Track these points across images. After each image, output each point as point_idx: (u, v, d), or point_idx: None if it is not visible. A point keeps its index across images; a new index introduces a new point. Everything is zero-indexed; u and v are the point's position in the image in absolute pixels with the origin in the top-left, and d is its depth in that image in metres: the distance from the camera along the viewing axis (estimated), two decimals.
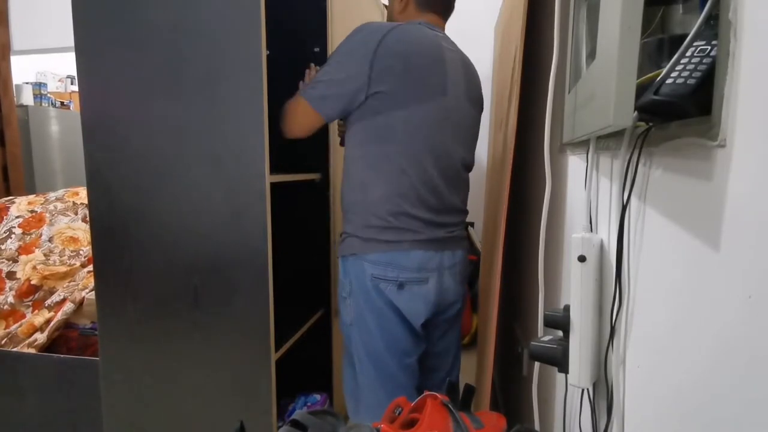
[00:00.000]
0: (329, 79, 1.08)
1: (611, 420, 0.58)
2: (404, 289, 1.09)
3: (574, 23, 0.74)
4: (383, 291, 1.09)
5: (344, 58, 1.07)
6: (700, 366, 0.39)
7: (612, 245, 0.58)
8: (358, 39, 1.06)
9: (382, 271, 1.08)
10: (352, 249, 1.12)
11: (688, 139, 0.40)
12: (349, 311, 1.14)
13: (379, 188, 1.08)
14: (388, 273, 1.08)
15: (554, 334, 0.70)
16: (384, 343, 1.11)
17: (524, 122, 1.22)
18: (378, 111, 1.06)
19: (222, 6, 1.06)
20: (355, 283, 1.11)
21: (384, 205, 1.08)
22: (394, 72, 1.04)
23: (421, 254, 1.09)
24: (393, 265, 1.08)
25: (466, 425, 0.72)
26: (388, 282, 1.09)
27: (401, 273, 1.08)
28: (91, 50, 1.16)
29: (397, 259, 1.08)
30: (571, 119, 0.72)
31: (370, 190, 1.09)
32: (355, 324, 1.13)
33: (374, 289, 1.09)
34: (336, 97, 1.08)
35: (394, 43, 1.04)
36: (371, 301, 1.10)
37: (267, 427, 1.18)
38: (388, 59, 1.03)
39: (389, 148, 1.08)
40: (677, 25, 0.54)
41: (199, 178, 1.13)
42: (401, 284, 1.09)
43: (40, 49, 3.44)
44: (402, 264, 1.08)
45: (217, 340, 1.18)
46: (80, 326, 1.59)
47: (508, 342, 1.57)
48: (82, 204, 1.88)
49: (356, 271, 1.11)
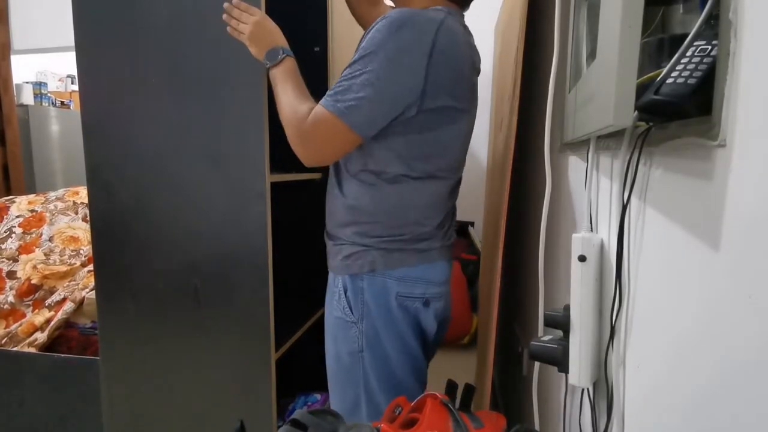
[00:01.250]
0: (372, 90, 0.83)
1: (611, 420, 0.58)
2: (429, 307, 0.98)
3: (574, 23, 0.74)
4: (409, 310, 0.97)
5: (392, 63, 0.83)
6: (700, 366, 0.39)
7: (612, 245, 0.58)
8: (408, 37, 0.83)
9: (410, 289, 0.96)
10: (372, 265, 0.95)
11: (688, 139, 0.40)
12: (356, 338, 0.97)
13: (421, 200, 0.95)
14: (415, 290, 0.96)
15: (554, 334, 0.70)
16: (406, 368, 0.98)
17: (524, 122, 1.22)
18: (429, 127, 0.90)
19: (222, 6, 1.06)
20: (372, 304, 0.96)
21: (417, 215, 0.95)
22: (446, 85, 0.87)
23: (445, 265, 1.01)
24: (422, 280, 0.97)
25: (466, 425, 0.72)
26: (414, 300, 0.97)
27: (428, 289, 0.97)
28: (91, 50, 1.16)
29: (426, 272, 0.97)
30: (571, 119, 0.72)
31: (407, 203, 0.94)
32: (368, 351, 0.97)
33: (399, 309, 0.96)
34: (382, 116, 0.86)
35: (446, 46, 0.85)
36: (393, 324, 0.96)
37: (267, 427, 1.18)
38: (441, 68, 0.85)
39: (436, 163, 0.94)
40: (677, 25, 0.54)
41: (199, 177, 1.13)
42: (427, 301, 0.98)
43: (40, 48, 3.44)
44: (430, 278, 0.97)
45: (218, 339, 1.18)
46: (80, 326, 1.59)
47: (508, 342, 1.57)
48: (83, 203, 1.88)
49: (375, 291, 0.96)
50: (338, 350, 1.00)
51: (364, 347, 0.97)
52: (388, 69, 0.83)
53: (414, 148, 0.92)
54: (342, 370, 1.00)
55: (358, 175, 0.95)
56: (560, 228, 0.91)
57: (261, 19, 0.99)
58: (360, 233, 0.96)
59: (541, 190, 0.95)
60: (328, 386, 1.05)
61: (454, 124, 0.93)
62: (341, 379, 1.01)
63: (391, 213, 0.95)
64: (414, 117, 0.88)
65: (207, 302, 1.17)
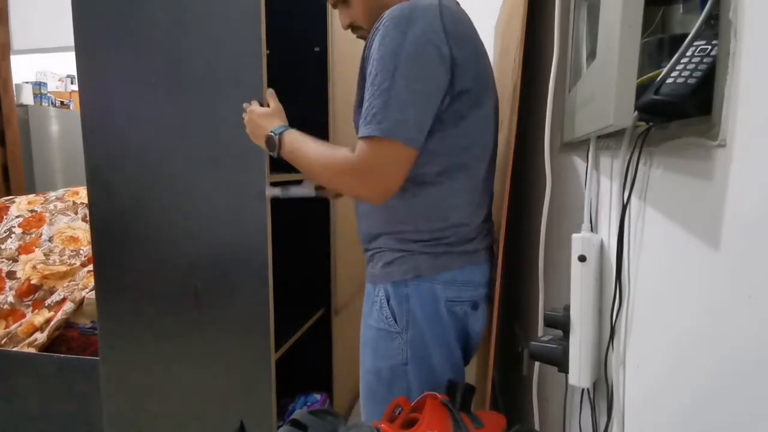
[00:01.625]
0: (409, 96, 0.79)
1: (611, 420, 0.58)
2: (478, 310, 0.95)
3: (574, 23, 0.74)
4: (458, 315, 0.92)
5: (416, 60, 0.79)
6: (700, 366, 0.39)
7: (612, 245, 0.58)
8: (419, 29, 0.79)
9: (458, 293, 0.92)
10: (416, 270, 0.90)
11: (688, 139, 0.40)
12: (401, 350, 0.91)
13: (461, 198, 0.91)
14: (464, 294, 0.92)
15: (554, 334, 0.70)
16: (449, 377, 0.93)
17: (524, 122, 1.22)
18: (462, 115, 0.86)
19: (222, 6, 1.06)
20: (419, 312, 0.90)
21: (459, 215, 0.91)
22: (467, 64, 0.83)
23: (487, 267, 0.97)
24: (470, 283, 0.92)
25: (466, 425, 0.72)
26: (463, 304, 0.93)
27: (476, 290, 0.94)
28: (91, 50, 1.16)
29: (474, 275, 0.93)
30: (571, 119, 0.72)
31: (448, 204, 0.90)
32: (413, 363, 0.91)
33: (449, 315, 0.91)
34: (427, 117, 0.81)
35: (454, 26, 0.82)
36: (442, 331, 0.91)
37: (267, 427, 1.18)
38: (458, 48, 0.81)
39: (471, 156, 0.90)
40: (677, 25, 0.54)
41: (199, 177, 1.13)
42: (476, 304, 0.94)
43: (40, 48, 3.44)
44: (477, 280, 0.94)
45: (217, 339, 1.18)
46: (80, 326, 1.59)
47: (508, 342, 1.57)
48: (82, 203, 1.88)
49: (422, 297, 0.90)
50: (378, 365, 0.93)
51: (409, 359, 0.91)
52: (415, 68, 0.79)
53: (450, 143, 0.87)
54: (382, 384, 0.93)
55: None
56: (560, 228, 0.91)
57: (249, 116, 0.98)
58: (401, 239, 0.91)
59: (541, 190, 0.95)
60: (360, 400, 0.98)
61: (481, 108, 0.88)
62: (380, 395, 0.94)
63: (432, 216, 0.90)
64: (446, 109, 0.84)
65: (207, 302, 1.17)
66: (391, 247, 0.92)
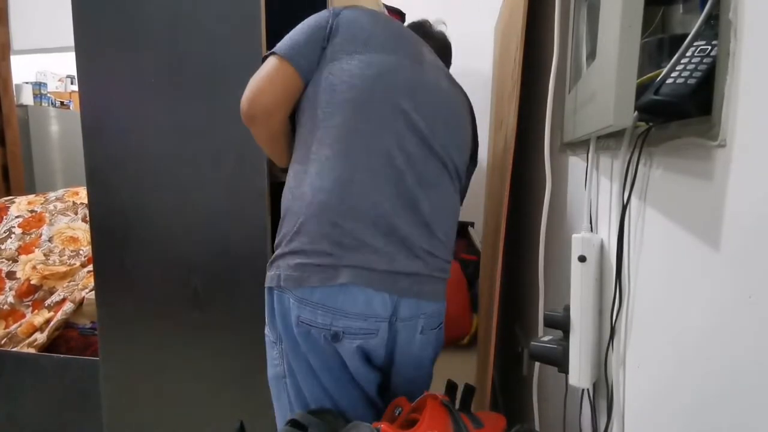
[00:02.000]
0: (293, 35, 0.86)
1: (611, 420, 0.58)
2: (342, 342, 0.85)
3: (574, 23, 0.74)
4: (318, 341, 0.84)
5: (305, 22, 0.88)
6: (700, 366, 0.39)
7: (612, 245, 0.58)
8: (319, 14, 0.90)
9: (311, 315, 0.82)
10: (277, 279, 0.83)
11: (688, 139, 0.40)
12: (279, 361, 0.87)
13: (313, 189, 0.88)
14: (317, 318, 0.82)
15: (554, 334, 0.70)
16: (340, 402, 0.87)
17: (524, 122, 1.22)
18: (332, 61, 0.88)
19: (222, 6, 1.06)
20: (281, 326, 0.84)
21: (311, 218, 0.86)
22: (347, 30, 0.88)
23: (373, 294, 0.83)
24: (325, 308, 0.83)
25: (466, 425, 0.72)
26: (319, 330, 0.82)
27: (335, 320, 0.83)
28: (91, 50, 1.16)
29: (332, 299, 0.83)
30: (571, 119, 0.72)
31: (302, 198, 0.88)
32: (290, 377, 0.87)
33: (303, 337, 0.83)
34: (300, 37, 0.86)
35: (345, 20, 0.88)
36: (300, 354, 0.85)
37: (267, 427, 1.18)
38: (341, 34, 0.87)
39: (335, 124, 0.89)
40: (677, 25, 0.54)
41: (199, 177, 1.13)
42: (336, 335, 0.82)
43: (40, 48, 3.44)
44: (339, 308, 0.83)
45: (217, 339, 1.18)
46: (80, 326, 1.59)
47: (508, 342, 1.56)
48: (82, 204, 1.88)
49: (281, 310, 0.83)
50: (268, 373, 0.89)
51: (286, 373, 0.85)
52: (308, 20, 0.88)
53: (313, 100, 0.84)
54: (274, 392, 0.89)
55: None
56: (560, 228, 0.91)
57: None
58: (277, 240, 0.86)
59: (541, 190, 0.95)
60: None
61: (355, 57, 0.84)
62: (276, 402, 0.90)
63: (287, 212, 0.84)
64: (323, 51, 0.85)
65: (207, 302, 1.17)
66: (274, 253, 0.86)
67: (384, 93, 0.84)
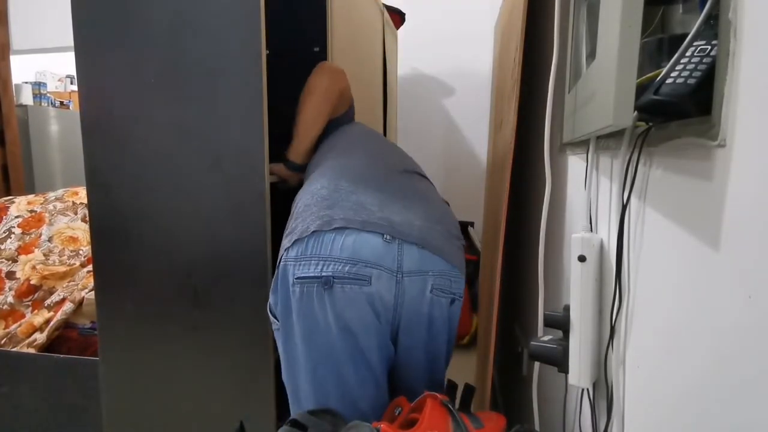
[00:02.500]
0: None
1: (611, 420, 0.58)
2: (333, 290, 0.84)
3: (574, 23, 0.74)
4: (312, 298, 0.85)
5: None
6: (700, 366, 0.39)
7: (612, 245, 0.58)
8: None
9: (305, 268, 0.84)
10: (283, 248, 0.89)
11: (688, 139, 0.40)
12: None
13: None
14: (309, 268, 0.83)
15: (554, 334, 0.70)
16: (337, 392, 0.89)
17: (524, 122, 1.22)
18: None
19: (222, 6, 1.06)
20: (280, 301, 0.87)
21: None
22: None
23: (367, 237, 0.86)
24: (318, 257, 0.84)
25: (466, 425, 0.72)
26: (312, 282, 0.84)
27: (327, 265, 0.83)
28: (91, 50, 1.16)
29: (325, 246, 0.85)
30: (571, 119, 0.72)
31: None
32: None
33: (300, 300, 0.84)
34: None
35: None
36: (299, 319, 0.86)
37: (267, 427, 1.18)
38: None
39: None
40: (677, 25, 0.54)
41: (199, 178, 1.13)
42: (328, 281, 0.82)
43: (40, 48, 3.44)
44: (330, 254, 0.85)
45: (217, 340, 1.18)
46: (80, 326, 1.59)
47: (508, 342, 1.57)
48: (82, 204, 1.88)
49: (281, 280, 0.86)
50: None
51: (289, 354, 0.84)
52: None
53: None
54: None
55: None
56: (560, 228, 0.91)
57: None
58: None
59: (541, 190, 0.95)
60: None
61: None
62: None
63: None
64: None
65: (207, 302, 1.17)
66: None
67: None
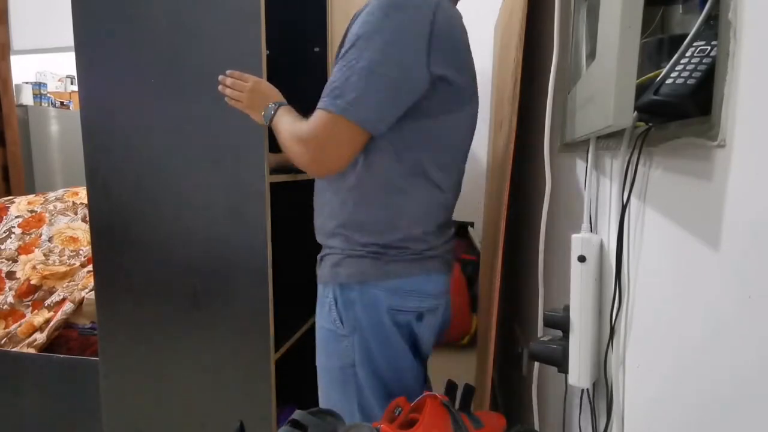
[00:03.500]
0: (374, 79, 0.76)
1: (611, 420, 0.58)
2: (423, 321, 0.93)
3: (574, 23, 0.74)
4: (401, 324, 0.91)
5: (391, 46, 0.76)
6: (699, 365, 0.39)
7: (612, 245, 0.58)
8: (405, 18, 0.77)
9: (402, 302, 0.90)
10: (362, 275, 0.89)
11: (688, 139, 0.39)
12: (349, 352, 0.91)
13: (414, 206, 0.89)
14: (408, 303, 0.91)
15: (554, 334, 0.70)
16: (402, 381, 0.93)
17: (524, 122, 1.22)
18: (427, 113, 0.84)
19: (222, 6, 1.06)
20: (363, 318, 0.89)
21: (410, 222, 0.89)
22: (448, 70, 0.82)
23: (443, 277, 0.95)
24: (415, 293, 0.91)
25: (466, 425, 0.72)
26: (407, 313, 0.91)
27: (422, 302, 0.92)
28: (91, 50, 1.16)
29: (421, 284, 0.91)
30: (571, 119, 0.72)
31: (398, 208, 0.88)
32: (361, 366, 0.91)
33: (392, 324, 0.90)
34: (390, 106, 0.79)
35: (446, 30, 0.80)
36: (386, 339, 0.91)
37: (267, 427, 1.18)
38: (442, 53, 0.80)
39: (431, 159, 0.87)
40: (677, 25, 0.54)
41: (199, 178, 1.13)
42: (420, 315, 0.93)
43: (40, 49, 3.44)
44: (425, 290, 0.92)
45: (217, 339, 1.18)
46: (80, 326, 1.59)
47: (508, 342, 1.57)
48: (82, 204, 1.88)
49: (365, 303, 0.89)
50: (330, 364, 0.95)
51: (357, 362, 0.91)
52: (388, 53, 0.76)
53: (408, 138, 0.84)
54: (335, 383, 0.95)
55: (347, 175, 0.88)
56: (560, 228, 0.91)
57: (254, 85, 0.99)
58: (352, 241, 0.90)
59: (541, 190, 0.95)
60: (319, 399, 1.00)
61: (452, 114, 0.86)
62: (335, 394, 0.95)
63: (381, 218, 0.88)
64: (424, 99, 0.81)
65: (206, 302, 1.17)
66: (341, 248, 0.91)
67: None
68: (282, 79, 1.39)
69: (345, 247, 0.91)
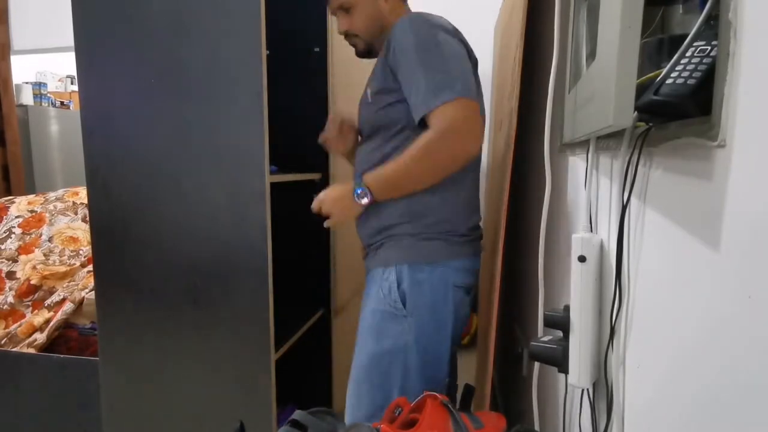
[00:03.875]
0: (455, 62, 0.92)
1: (611, 420, 0.58)
2: (470, 295, 1.04)
3: (574, 23, 0.74)
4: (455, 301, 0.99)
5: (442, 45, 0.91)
6: (699, 365, 0.39)
7: (612, 245, 0.58)
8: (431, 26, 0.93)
9: (463, 278, 1.00)
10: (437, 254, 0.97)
11: (688, 139, 0.39)
12: (404, 332, 0.95)
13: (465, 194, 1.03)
14: (467, 279, 1.01)
15: (554, 334, 0.70)
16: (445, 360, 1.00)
17: (524, 122, 1.22)
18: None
19: (222, 6, 1.06)
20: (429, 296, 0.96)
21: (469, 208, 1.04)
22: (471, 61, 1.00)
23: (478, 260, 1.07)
24: (471, 271, 1.03)
25: (466, 425, 0.72)
26: (461, 289, 1.01)
27: (475, 278, 1.04)
28: (91, 50, 1.16)
29: (476, 263, 1.04)
30: (571, 119, 0.72)
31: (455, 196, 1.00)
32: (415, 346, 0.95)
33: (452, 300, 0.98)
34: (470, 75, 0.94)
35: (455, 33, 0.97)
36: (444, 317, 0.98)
37: (267, 427, 1.18)
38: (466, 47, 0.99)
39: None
40: (677, 25, 0.54)
41: (199, 178, 1.13)
42: (468, 289, 1.03)
43: (40, 49, 3.44)
44: (476, 269, 1.05)
45: (217, 339, 1.18)
46: (80, 326, 1.59)
47: (508, 342, 1.56)
48: (82, 204, 1.88)
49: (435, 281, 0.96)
50: (380, 348, 0.97)
51: (410, 343, 0.95)
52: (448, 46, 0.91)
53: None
54: (379, 366, 0.97)
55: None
56: (560, 228, 0.91)
57: (329, 204, 1.01)
58: (424, 224, 0.98)
59: (541, 190, 0.95)
60: (349, 387, 1.02)
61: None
62: (377, 379, 0.97)
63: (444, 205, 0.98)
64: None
65: (207, 302, 1.17)
66: (410, 232, 0.98)
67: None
68: (282, 79, 1.40)
69: (414, 231, 0.98)
